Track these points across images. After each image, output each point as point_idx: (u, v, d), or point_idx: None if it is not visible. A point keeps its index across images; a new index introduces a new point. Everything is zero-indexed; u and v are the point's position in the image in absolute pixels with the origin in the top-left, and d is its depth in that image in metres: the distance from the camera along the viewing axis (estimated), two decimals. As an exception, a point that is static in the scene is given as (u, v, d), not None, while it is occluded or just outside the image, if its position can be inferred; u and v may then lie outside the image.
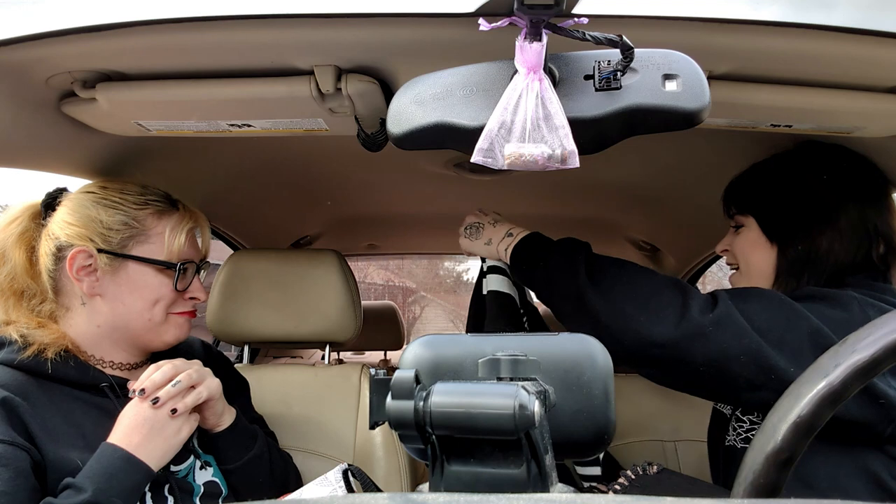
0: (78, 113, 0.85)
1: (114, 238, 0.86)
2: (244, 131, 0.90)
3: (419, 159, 1.34)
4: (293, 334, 1.32)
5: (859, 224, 0.91)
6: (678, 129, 0.57)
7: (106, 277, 0.86)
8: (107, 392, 0.84)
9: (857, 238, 0.91)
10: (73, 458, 0.75)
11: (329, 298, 1.29)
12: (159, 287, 0.89)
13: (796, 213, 0.94)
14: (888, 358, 0.37)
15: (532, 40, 0.53)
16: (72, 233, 0.85)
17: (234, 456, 0.93)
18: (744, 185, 1.03)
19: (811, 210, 0.93)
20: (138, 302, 0.88)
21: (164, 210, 0.91)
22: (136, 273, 0.88)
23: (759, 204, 0.99)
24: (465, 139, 0.57)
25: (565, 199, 1.71)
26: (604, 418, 0.41)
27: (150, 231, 0.89)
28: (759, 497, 0.38)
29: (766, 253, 0.97)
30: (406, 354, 0.45)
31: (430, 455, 0.38)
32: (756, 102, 0.79)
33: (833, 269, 0.91)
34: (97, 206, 0.87)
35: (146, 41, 0.68)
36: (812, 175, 0.95)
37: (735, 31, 0.65)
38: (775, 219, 0.97)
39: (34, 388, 0.79)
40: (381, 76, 0.77)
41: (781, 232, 0.95)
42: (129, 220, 0.87)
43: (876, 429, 0.78)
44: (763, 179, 1.00)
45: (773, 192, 0.98)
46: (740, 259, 1.03)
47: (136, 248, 0.88)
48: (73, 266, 0.84)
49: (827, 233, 0.91)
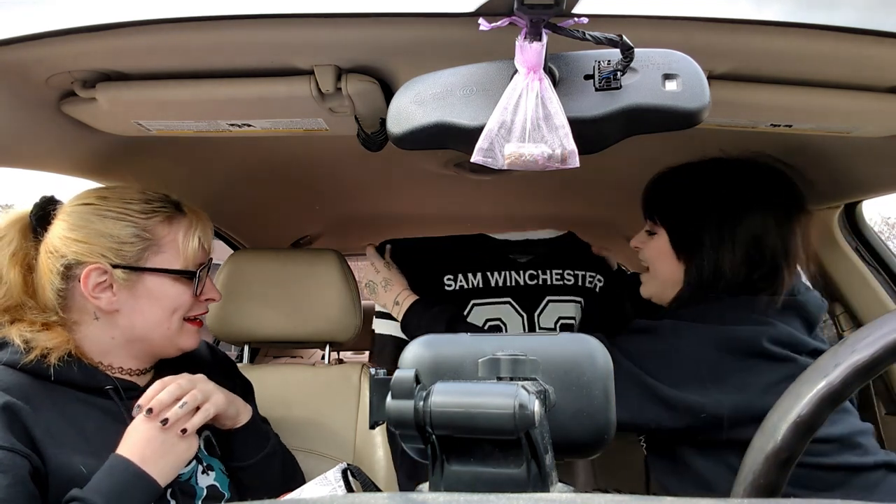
0: (78, 113, 0.85)
1: (128, 252, 0.83)
2: (244, 131, 0.90)
3: (419, 159, 1.34)
4: (293, 334, 1.31)
5: (755, 246, 0.95)
6: (678, 128, 0.57)
7: (123, 292, 0.84)
8: (111, 395, 0.84)
9: (750, 259, 0.95)
10: (75, 464, 0.75)
11: (329, 298, 1.29)
12: (178, 296, 0.88)
13: (701, 230, 0.98)
14: (888, 357, 0.37)
15: (532, 40, 0.53)
16: (80, 249, 0.82)
17: (249, 453, 0.92)
18: (659, 195, 1.05)
19: (715, 230, 0.97)
20: (157, 313, 0.86)
21: (171, 216, 0.89)
22: (154, 284, 0.86)
23: (671, 218, 1.02)
24: (465, 139, 0.57)
25: (565, 199, 1.71)
26: (604, 418, 0.41)
27: (163, 240, 0.87)
28: (759, 497, 0.38)
29: (674, 265, 1.01)
30: (406, 354, 0.45)
31: (430, 455, 0.38)
32: (756, 102, 0.79)
33: (729, 285, 0.96)
34: (103, 219, 0.84)
35: (146, 41, 0.68)
36: (718, 192, 0.99)
37: (735, 31, 0.65)
38: (684, 236, 1.00)
39: (37, 390, 0.78)
40: (381, 76, 0.77)
41: (689, 250, 0.99)
42: (139, 231, 0.85)
43: (708, 435, 0.89)
44: (677, 192, 1.03)
45: (684, 207, 1.01)
46: (650, 263, 1.07)
47: (152, 260, 0.85)
48: (87, 284, 0.81)
49: (727, 255, 0.95)
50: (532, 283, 1.37)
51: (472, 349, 0.43)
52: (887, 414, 1.35)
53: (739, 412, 0.87)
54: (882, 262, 1.33)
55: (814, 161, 1.12)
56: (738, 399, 0.87)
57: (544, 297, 1.36)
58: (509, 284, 1.37)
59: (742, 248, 0.95)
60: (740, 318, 0.92)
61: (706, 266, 0.97)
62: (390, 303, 1.21)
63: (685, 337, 0.92)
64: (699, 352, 0.90)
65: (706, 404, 0.87)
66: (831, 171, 1.14)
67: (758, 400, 0.87)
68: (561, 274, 1.38)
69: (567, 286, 1.37)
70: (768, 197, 0.97)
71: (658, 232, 1.03)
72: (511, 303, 1.36)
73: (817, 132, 0.90)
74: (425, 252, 1.37)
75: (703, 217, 0.98)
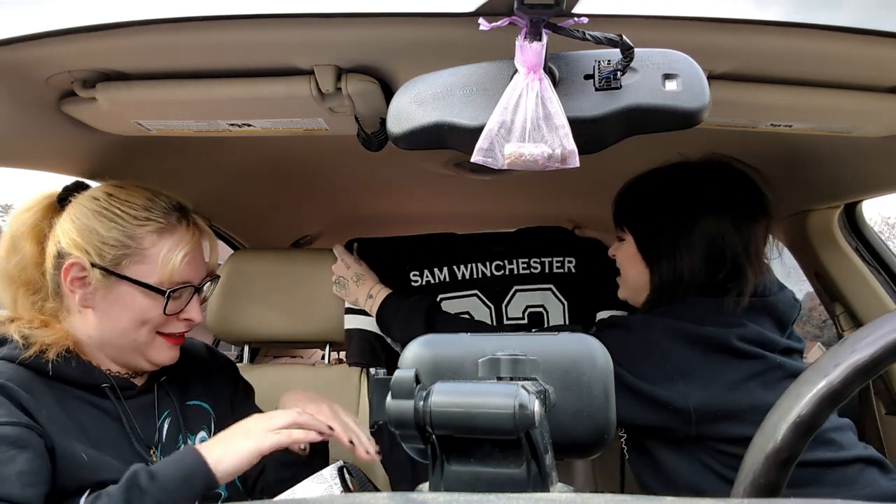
0: (78, 112, 0.85)
1: (108, 254, 0.83)
2: (244, 131, 0.90)
3: (419, 159, 1.34)
4: (293, 334, 1.32)
5: (715, 247, 0.97)
6: (678, 128, 0.57)
7: (99, 292, 0.83)
8: (107, 393, 0.84)
9: (712, 261, 0.97)
10: (77, 451, 0.75)
11: (329, 298, 1.29)
12: (147, 309, 0.85)
13: (660, 233, 1.00)
14: (888, 357, 0.37)
15: (532, 40, 0.53)
16: (70, 241, 0.82)
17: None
18: (625, 202, 1.08)
19: (675, 234, 0.99)
20: (124, 321, 0.85)
21: (164, 228, 0.86)
22: (125, 292, 0.84)
23: (634, 224, 1.05)
24: (465, 139, 0.57)
25: (565, 199, 1.71)
26: (604, 418, 0.41)
27: (147, 251, 0.85)
28: (759, 497, 0.38)
29: (641, 269, 1.03)
30: (406, 354, 0.45)
31: (430, 455, 0.38)
32: (756, 102, 0.79)
33: (692, 287, 0.98)
34: (97, 216, 0.84)
35: (146, 41, 0.68)
36: (674, 196, 1.01)
37: (735, 31, 0.65)
38: (648, 241, 1.02)
39: (37, 384, 0.78)
40: (381, 76, 0.77)
41: (653, 254, 1.01)
42: (124, 237, 0.83)
43: (678, 431, 0.91)
44: (639, 198, 1.05)
45: (646, 213, 1.03)
46: (621, 269, 1.09)
47: (130, 268, 0.84)
48: (67, 276, 0.82)
49: (687, 257, 0.97)
50: (499, 273, 1.39)
51: (472, 349, 0.43)
52: (887, 414, 1.35)
53: (706, 407, 0.89)
54: (882, 262, 1.33)
55: (814, 161, 1.12)
56: (703, 394, 0.89)
57: (511, 286, 1.38)
58: (476, 277, 1.38)
59: (699, 249, 0.97)
60: (707, 318, 0.94)
61: (665, 269, 0.99)
62: (363, 297, 1.22)
63: (655, 331, 0.93)
64: (667, 346, 0.92)
65: (672, 398, 0.89)
66: (831, 171, 1.14)
67: (724, 395, 0.89)
68: (527, 262, 1.39)
69: (534, 274, 1.39)
70: (724, 198, 0.98)
71: (626, 238, 1.06)
72: (478, 295, 1.38)
73: (817, 132, 0.90)
74: (391, 249, 1.38)
75: (660, 221, 1.00)
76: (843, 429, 0.94)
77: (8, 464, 0.68)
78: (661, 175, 1.04)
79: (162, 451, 0.87)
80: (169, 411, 0.90)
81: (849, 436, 0.95)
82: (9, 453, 0.69)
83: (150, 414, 0.88)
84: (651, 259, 1.02)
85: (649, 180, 1.05)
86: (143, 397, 0.89)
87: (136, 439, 0.84)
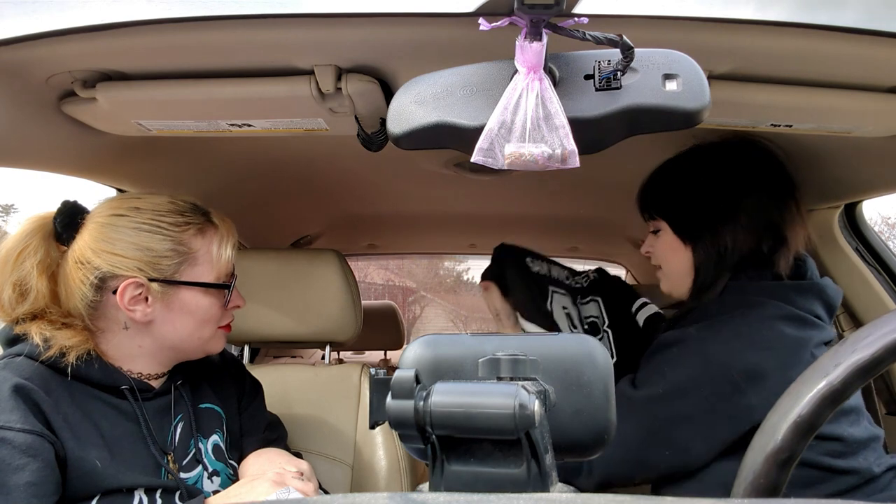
0: (78, 113, 0.85)
1: (165, 266, 0.83)
2: (244, 131, 0.90)
3: (419, 159, 1.34)
4: (293, 334, 1.31)
5: (756, 218, 0.96)
6: (678, 128, 0.57)
7: (157, 304, 0.84)
8: (126, 395, 0.84)
9: (754, 231, 0.96)
10: (91, 457, 0.75)
11: (329, 298, 1.29)
12: (210, 307, 0.89)
13: (701, 212, 0.99)
14: (888, 357, 0.37)
15: (532, 40, 0.53)
16: (116, 262, 0.81)
17: None
18: (653, 190, 1.07)
19: (714, 207, 0.98)
20: (191, 324, 0.87)
21: (203, 227, 0.88)
22: (188, 297, 0.86)
23: (668, 208, 1.04)
24: (466, 139, 0.57)
25: (565, 199, 1.71)
26: (604, 418, 0.41)
27: (197, 253, 0.87)
28: (759, 497, 0.38)
29: (683, 254, 1.02)
30: (406, 354, 0.45)
31: (430, 455, 0.38)
32: (756, 102, 0.79)
33: (737, 262, 0.97)
34: (139, 231, 0.83)
35: (146, 41, 0.68)
36: (711, 173, 1.00)
37: (735, 31, 0.65)
38: (685, 220, 1.02)
39: (56, 383, 0.78)
40: (381, 76, 0.77)
41: (692, 232, 1.00)
42: (176, 245, 0.84)
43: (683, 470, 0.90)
44: (668, 183, 1.05)
45: (678, 194, 1.03)
46: (661, 261, 1.08)
47: (187, 273, 0.86)
48: (123, 297, 0.81)
49: (730, 227, 0.96)
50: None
51: (472, 349, 0.43)
52: (887, 414, 1.35)
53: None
54: (882, 262, 1.33)
55: (814, 161, 1.11)
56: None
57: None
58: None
59: (738, 219, 0.96)
60: (763, 308, 0.91)
61: (709, 244, 0.98)
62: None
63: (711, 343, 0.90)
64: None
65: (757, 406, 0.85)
66: (831, 171, 1.14)
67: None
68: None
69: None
70: (754, 169, 0.99)
71: (661, 228, 1.05)
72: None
73: (818, 132, 0.90)
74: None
75: (695, 200, 1.00)
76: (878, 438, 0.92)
77: (19, 472, 0.69)
78: (686, 158, 1.04)
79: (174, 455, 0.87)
80: (182, 414, 0.91)
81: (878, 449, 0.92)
82: (20, 461, 0.69)
83: (165, 416, 0.88)
84: (692, 239, 1.00)
85: (674, 165, 1.05)
86: (160, 399, 0.89)
87: (152, 442, 0.84)
